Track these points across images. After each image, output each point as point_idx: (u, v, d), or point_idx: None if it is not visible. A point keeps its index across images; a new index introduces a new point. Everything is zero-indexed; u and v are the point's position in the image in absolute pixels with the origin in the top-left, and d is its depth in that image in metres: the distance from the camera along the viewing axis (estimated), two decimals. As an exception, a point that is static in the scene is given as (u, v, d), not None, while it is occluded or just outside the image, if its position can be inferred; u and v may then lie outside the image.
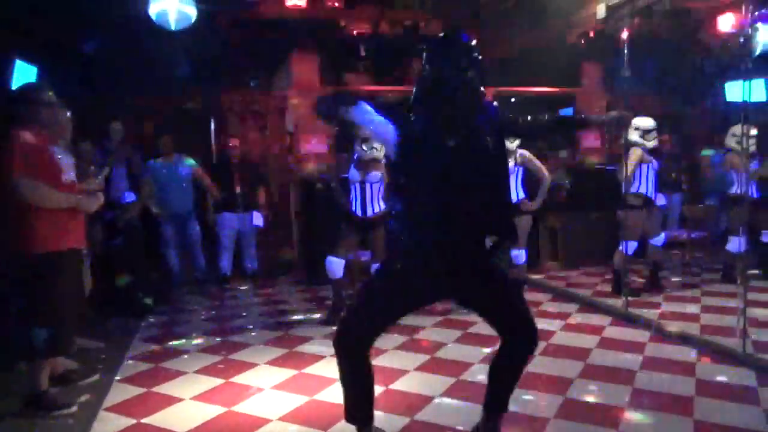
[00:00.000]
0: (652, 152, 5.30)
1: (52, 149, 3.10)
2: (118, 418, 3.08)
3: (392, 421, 2.88)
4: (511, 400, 2.55)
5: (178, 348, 4.28)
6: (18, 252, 3.01)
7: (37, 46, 5.43)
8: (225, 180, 6.22)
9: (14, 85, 4.82)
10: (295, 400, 3.25)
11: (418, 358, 3.89)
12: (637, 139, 5.20)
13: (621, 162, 5.15)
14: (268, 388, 3.44)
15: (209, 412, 3.13)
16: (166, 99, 6.90)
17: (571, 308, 5.12)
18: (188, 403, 3.27)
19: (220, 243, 6.30)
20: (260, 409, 3.16)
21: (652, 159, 5.27)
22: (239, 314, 5.26)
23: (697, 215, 6.99)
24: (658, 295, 5.34)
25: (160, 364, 3.91)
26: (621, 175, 5.16)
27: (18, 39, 5.27)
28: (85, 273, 3.85)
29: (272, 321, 4.99)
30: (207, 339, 4.48)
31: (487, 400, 2.54)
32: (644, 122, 5.25)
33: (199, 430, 2.93)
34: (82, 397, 3.33)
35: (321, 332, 4.55)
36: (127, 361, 3.99)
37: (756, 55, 6.05)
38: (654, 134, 5.26)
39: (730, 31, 6.59)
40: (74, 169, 3.24)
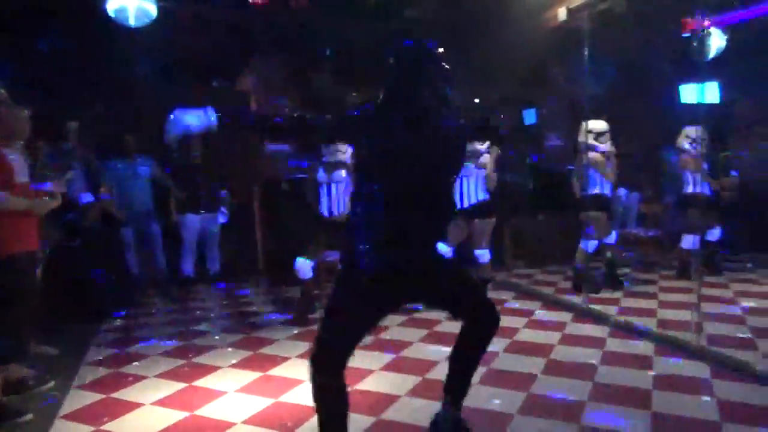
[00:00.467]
0: (606, 155, 5.42)
1: (2, 151, 3.00)
2: (75, 426, 2.99)
3: (358, 421, 2.87)
4: (476, 396, 2.58)
5: (138, 352, 4.18)
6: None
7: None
8: (187, 180, 6.11)
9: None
10: (259, 403, 3.21)
11: (383, 357, 3.89)
12: (591, 141, 5.31)
13: (576, 164, 5.28)
14: (232, 391, 3.40)
15: (171, 417, 3.07)
16: (125, 98, 6.73)
17: (535, 306, 5.21)
18: (149, 408, 3.20)
19: (183, 244, 6.19)
20: (224, 412, 3.11)
21: (607, 162, 5.38)
22: (202, 317, 5.17)
23: (654, 213, 7.20)
24: (617, 292, 5.48)
25: (120, 369, 3.82)
26: (576, 177, 5.29)
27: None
28: (38, 275, 3.73)
29: (236, 323, 4.92)
30: (168, 342, 4.39)
31: (449, 383, 2.55)
32: (597, 125, 5.35)
33: (160, 436, 2.87)
34: (38, 404, 3.22)
35: (286, 334, 4.51)
36: (84, 367, 3.88)
37: (709, 58, 6.28)
38: (607, 136, 5.37)
39: (686, 35, 6.81)
40: (28, 171, 3.14)
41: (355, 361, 3.77)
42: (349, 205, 2.41)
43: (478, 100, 8.04)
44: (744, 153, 7.84)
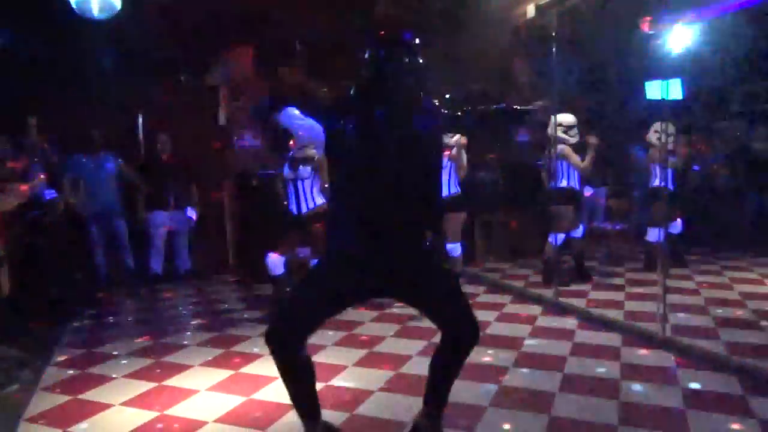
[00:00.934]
0: (574, 148, 5.53)
1: None
2: (41, 428, 2.91)
3: (333, 417, 2.86)
4: (447, 389, 2.58)
5: (105, 352, 4.10)
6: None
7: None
8: (155, 177, 6.00)
9: None
10: (231, 401, 3.18)
11: (356, 353, 3.89)
12: (560, 135, 5.40)
13: (546, 158, 5.37)
14: (203, 390, 3.35)
15: (141, 417, 3.02)
16: (89, 93, 6.56)
17: (506, 299, 5.27)
18: (118, 409, 3.14)
19: (151, 242, 6.08)
20: (195, 411, 3.07)
21: (573, 154, 5.49)
22: (171, 315, 5.09)
23: (621, 208, 7.35)
24: (585, 284, 5.58)
25: (87, 370, 3.74)
26: (545, 171, 5.37)
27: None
28: (2, 275, 3.63)
29: (206, 321, 4.86)
30: (137, 342, 4.32)
31: (428, 394, 2.53)
32: (566, 119, 5.45)
33: (129, 437, 2.82)
34: (2, 407, 3.14)
35: (257, 331, 4.47)
36: (50, 368, 3.79)
37: (673, 55, 6.42)
38: (576, 130, 5.47)
39: (651, 33, 6.95)
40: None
41: (327, 357, 3.80)
42: (328, 195, 2.42)
43: (448, 96, 8.07)
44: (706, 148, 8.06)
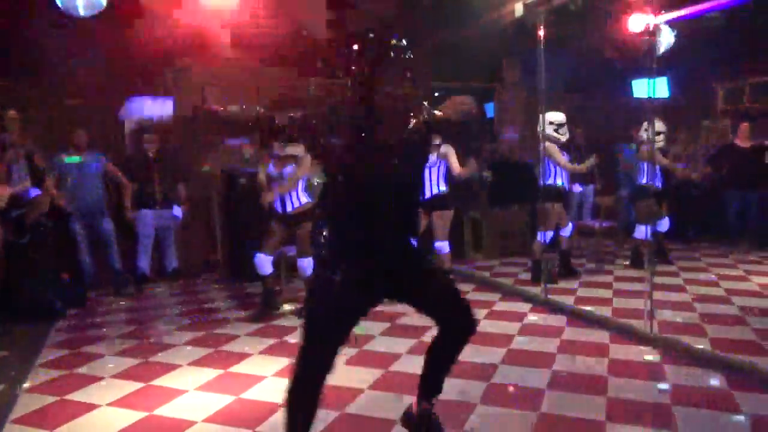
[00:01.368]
0: (564, 146, 5.59)
1: None
2: (26, 429, 2.88)
3: (322, 416, 2.85)
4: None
5: (92, 352, 4.06)
6: None
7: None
8: (142, 175, 5.95)
9: None
10: (220, 401, 3.17)
11: (346, 351, 3.88)
12: (551, 133, 5.44)
13: (538, 155, 5.39)
14: (192, 390, 3.33)
15: (128, 417, 2.99)
16: (76, 91, 6.48)
17: (495, 297, 5.29)
18: (105, 409, 3.11)
19: (138, 241, 6.02)
20: (184, 411, 3.05)
21: (563, 152, 5.56)
22: (159, 315, 5.06)
23: (608, 206, 7.41)
24: (573, 282, 5.62)
25: (73, 370, 3.70)
26: (537, 169, 5.40)
27: None
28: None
29: (195, 321, 4.82)
30: (124, 342, 4.28)
31: (423, 384, 2.53)
32: (556, 117, 5.52)
33: (117, 437, 2.80)
34: (-14, 409, 3.10)
35: (246, 330, 4.45)
36: (36, 369, 3.75)
37: (659, 54, 6.47)
38: (565, 128, 5.54)
39: (637, 31, 7.00)
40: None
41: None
42: (322, 202, 2.38)
43: (437, 94, 8.08)
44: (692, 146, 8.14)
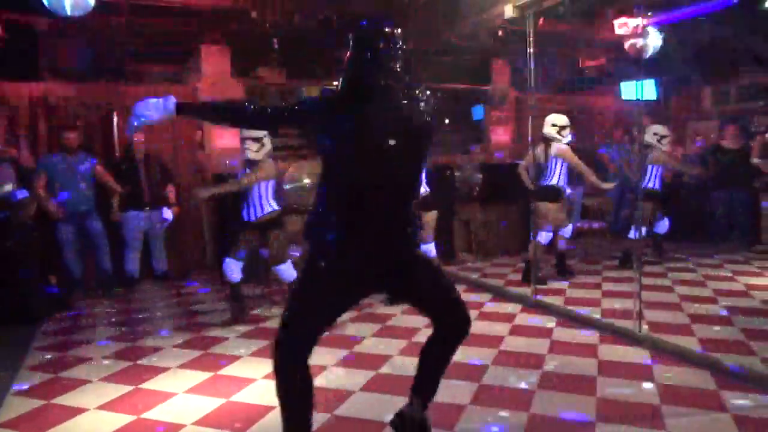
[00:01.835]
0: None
1: None
2: (13, 434, 2.85)
3: (313, 418, 2.85)
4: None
5: (80, 355, 4.02)
6: None
7: None
8: (131, 176, 5.90)
9: None
10: (210, 403, 3.15)
11: (336, 353, 3.88)
12: (555, 134, 5.55)
13: (528, 155, 5.44)
14: (182, 392, 3.31)
15: (117, 421, 2.96)
16: (63, 90, 6.43)
17: (485, 298, 5.30)
18: (93, 413, 3.08)
19: (126, 243, 5.97)
20: (173, 414, 3.03)
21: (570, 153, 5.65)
22: (148, 317, 5.02)
23: (596, 207, 7.46)
24: (563, 282, 5.65)
25: (61, 374, 3.66)
26: (535, 168, 5.52)
27: None
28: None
29: (184, 323, 4.79)
30: (113, 344, 4.24)
31: (418, 383, 2.52)
32: (560, 119, 5.62)
33: (105, 441, 2.77)
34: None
35: (236, 332, 4.43)
36: (22, 372, 3.71)
37: (647, 56, 6.54)
38: (568, 130, 5.63)
39: (625, 34, 7.06)
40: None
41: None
42: (315, 194, 2.33)
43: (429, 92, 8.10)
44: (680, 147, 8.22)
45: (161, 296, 5.78)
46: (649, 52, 6.70)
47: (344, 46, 2.30)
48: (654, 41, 6.71)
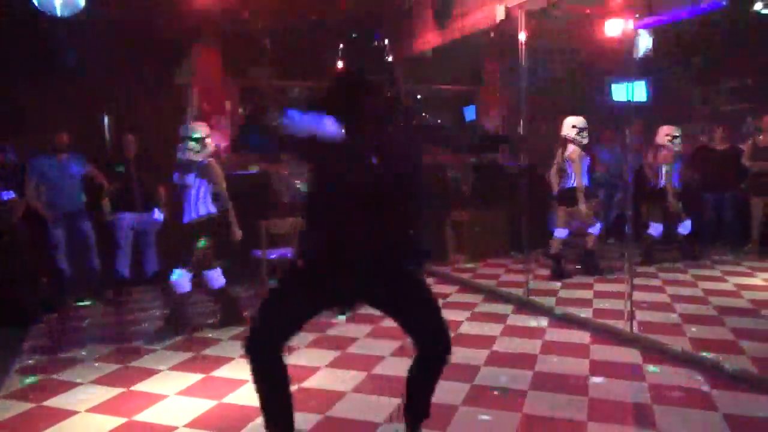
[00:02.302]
0: (585, 148, 5.82)
1: None
2: (2, 437, 2.83)
3: (305, 419, 2.85)
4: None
5: (70, 357, 3.99)
6: None
7: None
8: (121, 177, 5.86)
9: None
10: (202, 405, 3.13)
11: (329, 354, 3.87)
12: (575, 136, 5.69)
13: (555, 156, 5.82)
14: (173, 395, 3.29)
15: (108, 424, 2.94)
16: (54, 91, 6.37)
17: (477, 298, 5.31)
18: (83, 416, 3.06)
19: (117, 244, 5.93)
20: (164, 416, 3.01)
21: (585, 154, 5.80)
22: (139, 319, 4.99)
23: (590, 208, 7.47)
24: (556, 282, 5.67)
25: (51, 376, 3.63)
26: (554, 169, 5.84)
27: None
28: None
29: (176, 324, 4.76)
30: (103, 346, 4.21)
31: (408, 410, 2.49)
32: (580, 121, 5.75)
33: (96, 444, 2.75)
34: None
35: (228, 334, 4.41)
36: (12, 374, 3.68)
37: (638, 58, 6.58)
38: (586, 132, 5.76)
39: (616, 36, 7.09)
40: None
41: (300, 358, 3.77)
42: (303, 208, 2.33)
43: (420, 96, 8.11)
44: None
45: (152, 297, 5.75)
46: (640, 54, 6.74)
47: (335, 48, 2.29)
48: (644, 43, 6.76)
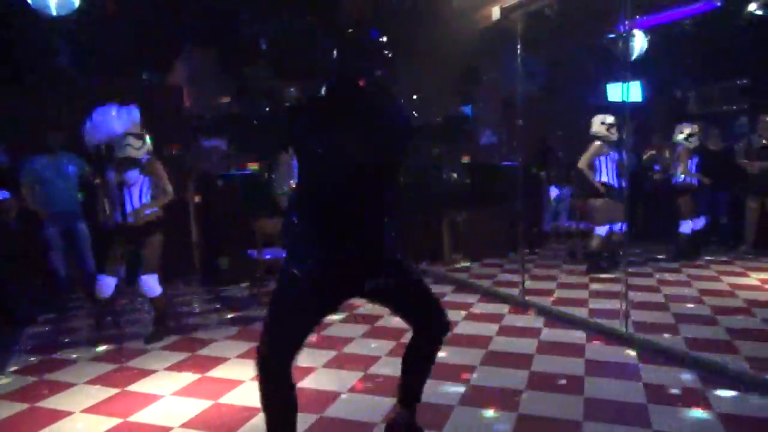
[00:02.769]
0: (613, 145, 5.89)
1: None
2: (-4, 438, 2.82)
3: (300, 419, 2.83)
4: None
5: (65, 358, 3.98)
6: None
7: None
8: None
9: None
10: (198, 405, 3.13)
11: (325, 354, 3.87)
12: (605, 132, 5.80)
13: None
14: (169, 395, 3.29)
15: (103, 424, 2.94)
16: (47, 91, 6.36)
17: (473, 298, 5.32)
18: (79, 416, 3.05)
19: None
20: (160, 417, 3.01)
21: (610, 151, 5.86)
22: (134, 319, 4.98)
23: (584, 208, 7.49)
24: (551, 282, 5.68)
25: (46, 377, 3.62)
26: (580, 164, 5.91)
27: None
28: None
29: (171, 325, 4.74)
30: (99, 347, 4.20)
31: (401, 393, 2.52)
32: (608, 118, 5.85)
33: (91, 445, 2.75)
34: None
35: (224, 334, 4.41)
36: (6, 375, 3.66)
37: (633, 59, 6.61)
38: (615, 129, 5.83)
39: (611, 37, 7.12)
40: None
41: (297, 359, 3.76)
42: (291, 203, 2.30)
43: (416, 97, 8.12)
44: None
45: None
46: (635, 55, 6.78)
47: (330, 47, 2.29)
48: (639, 43, 6.79)
